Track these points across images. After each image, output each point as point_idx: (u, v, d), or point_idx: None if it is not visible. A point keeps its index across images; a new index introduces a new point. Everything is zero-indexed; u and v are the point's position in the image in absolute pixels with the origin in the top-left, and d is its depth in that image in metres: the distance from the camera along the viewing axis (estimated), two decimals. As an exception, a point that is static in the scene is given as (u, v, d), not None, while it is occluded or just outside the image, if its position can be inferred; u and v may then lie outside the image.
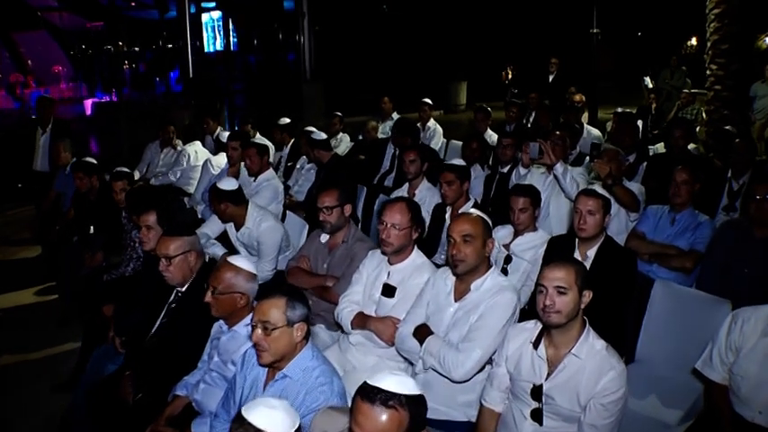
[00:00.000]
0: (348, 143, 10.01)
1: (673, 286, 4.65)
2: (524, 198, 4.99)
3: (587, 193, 4.51)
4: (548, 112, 9.99)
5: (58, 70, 26.68)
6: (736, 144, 6.45)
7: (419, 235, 4.32)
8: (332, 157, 7.60)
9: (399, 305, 4.17)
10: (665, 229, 5.42)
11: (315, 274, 5.05)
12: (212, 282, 3.84)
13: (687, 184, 5.34)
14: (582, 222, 4.43)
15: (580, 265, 3.28)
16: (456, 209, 5.66)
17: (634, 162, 7.40)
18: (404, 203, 4.25)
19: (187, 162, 9.06)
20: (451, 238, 3.70)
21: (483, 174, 7.22)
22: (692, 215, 5.38)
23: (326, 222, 4.92)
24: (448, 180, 5.56)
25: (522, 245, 5.09)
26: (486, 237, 3.71)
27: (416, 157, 6.29)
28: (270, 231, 5.66)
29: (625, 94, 20.39)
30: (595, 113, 12.47)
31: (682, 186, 5.34)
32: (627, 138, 7.47)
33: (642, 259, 5.35)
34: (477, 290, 3.74)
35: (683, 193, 5.34)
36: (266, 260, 5.64)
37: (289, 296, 3.24)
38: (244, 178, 7.09)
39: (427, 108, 10.07)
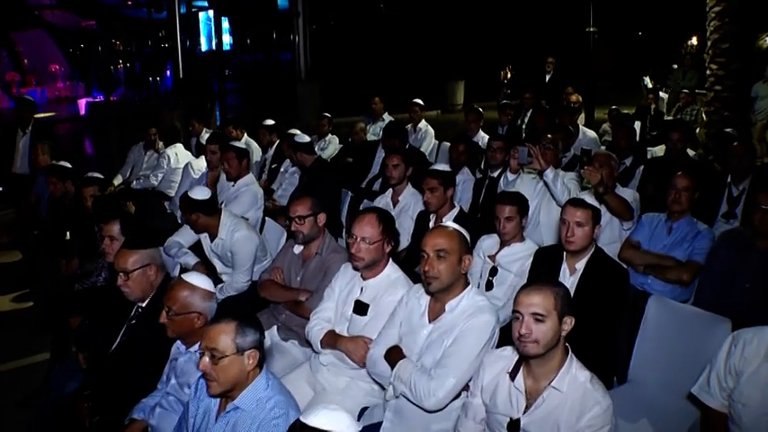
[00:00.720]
0: (337, 145, 9.71)
1: (668, 303, 4.32)
2: (511, 206, 4.68)
3: (575, 203, 4.21)
4: (543, 114, 9.68)
5: (55, 69, 26.59)
6: (735, 148, 6.13)
7: (393, 248, 4.01)
8: (315, 161, 7.29)
9: (372, 324, 3.89)
10: (662, 238, 5.12)
11: (288, 287, 4.77)
12: (167, 302, 3.58)
13: (688, 191, 5.05)
14: (569, 234, 4.12)
15: (560, 287, 2.95)
16: (440, 217, 5.36)
17: (630, 166, 7.10)
18: (374, 215, 3.94)
19: (167, 165, 8.81)
20: (424, 253, 3.39)
21: (472, 178, 6.91)
22: (689, 224, 5.08)
23: (299, 232, 4.63)
24: (430, 186, 5.25)
25: (509, 256, 4.78)
26: (462, 252, 3.40)
27: (400, 162, 5.98)
28: (243, 241, 5.37)
29: (625, 94, 20.11)
30: (592, 114, 12.12)
31: (682, 193, 5.04)
32: (623, 140, 7.17)
33: (637, 270, 5.07)
34: (451, 311, 3.44)
35: (684, 200, 5.04)
36: (241, 271, 5.39)
37: (239, 321, 2.96)
38: (222, 183, 6.83)
39: (418, 109, 9.74)
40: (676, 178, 5.10)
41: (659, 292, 4.89)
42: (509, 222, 4.68)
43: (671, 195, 5.08)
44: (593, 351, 3.91)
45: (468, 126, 9.03)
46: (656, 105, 12.22)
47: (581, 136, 8.81)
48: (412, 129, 9.76)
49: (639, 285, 5.04)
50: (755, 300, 4.47)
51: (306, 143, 7.27)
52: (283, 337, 4.67)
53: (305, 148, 7.26)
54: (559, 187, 5.32)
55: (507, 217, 4.67)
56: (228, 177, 6.63)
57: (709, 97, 10.11)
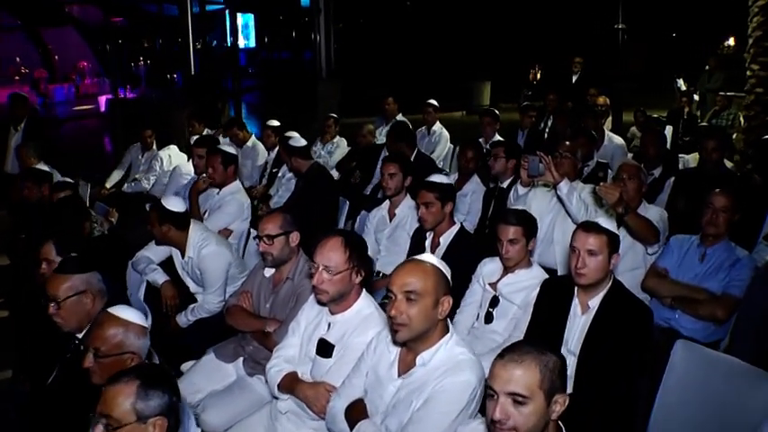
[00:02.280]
0: (345, 148, 9.04)
1: (700, 350, 3.57)
2: (515, 227, 3.99)
3: (587, 227, 3.50)
4: (566, 117, 8.91)
5: (83, 66, 26.62)
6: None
7: (364, 278, 3.36)
8: (311, 167, 6.62)
9: (337, 368, 3.29)
10: (693, 265, 4.41)
11: (256, 314, 4.19)
12: (94, 342, 2.99)
13: (727, 212, 4.33)
14: (580, 265, 3.43)
15: (549, 357, 2.23)
16: (438, 235, 4.70)
17: (660, 177, 6.36)
18: (339, 239, 3.30)
19: (160, 167, 8.31)
20: (391, 294, 2.73)
21: (482, 188, 6.23)
22: (726, 249, 4.36)
23: (267, 254, 4.03)
24: (425, 201, 4.57)
25: (512, 285, 4.09)
26: (439, 294, 2.74)
27: (397, 171, 5.31)
28: (212, 258, 4.81)
29: (657, 96, 19.32)
30: (620, 118, 11.33)
31: (720, 214, 4.33)
32: (651, 147, 6.42)
33: (663, 303, 4.38)
34: (424, 365, 2.78)
35: (721, 223, 4.33)
36: (211, 291, 4.83)
37: (143, 380, 2.32)
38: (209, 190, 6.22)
39: (432, 110, 9.03)
40: (714, 196, 4.39)
41: (688, 330, 4.25)
42: (513, 246, 3.99)
43: (706, 216, 4.37)
44: (608, 408, 3.27)
45: (483, 129, 8.30)
46: (689, 109, 11.51)
47: (606, 142, 8.05)
48: (426, 131, 9.09)
49: (665, 321, 4.34)
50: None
51: (301, 147, 6.63)
52: (249, 372, 4.09)
53: (300, 152, 6.61)
54: (575, 203, 4.64)
55: (511, 239, 3.98)
56: (213, 184, 6.03)
57: (749, 101, 9.26)
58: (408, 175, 5.36)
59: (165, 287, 4.90)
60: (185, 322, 4.86)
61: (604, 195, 4.13)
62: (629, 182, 4.64)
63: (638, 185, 4.68)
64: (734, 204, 4.32)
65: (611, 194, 4.10)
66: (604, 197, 4.17)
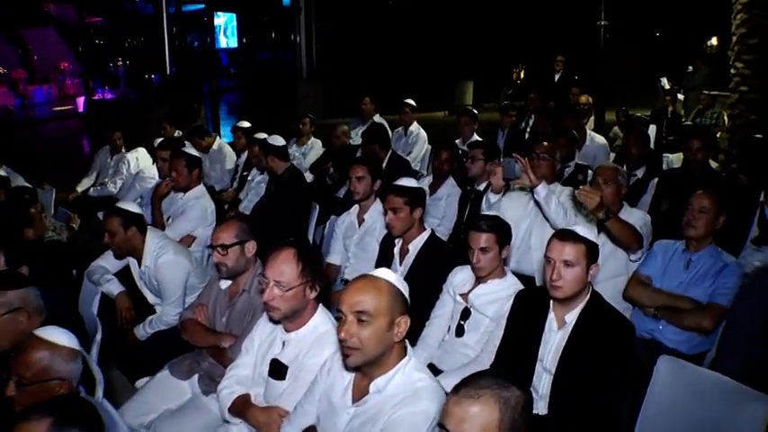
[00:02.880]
0: (320, 150, 8.75)
1: (684, 366, 3.31)
2: (488, 234, 3.71)
3: (563, 236, 3.22)
4: (547, 117, 8.67)
5: (64, 66, 26.23)
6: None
7: (320, 293, 3.08)
8: (287, 169, 6.31)
9: (291, 391, 3.03)
10: (678, 273, 4.15)
11: (211, 329, 3.90)
12: (17, 368, 2.70)
13: (707, 213, 4.08)
14: (555, 278, 3.14)
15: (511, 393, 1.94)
16: (407, 242, 4.41)
17: (643, 178, 6.11)
18: (291, 251, 3.02)
19: (127, 170, 7.96)
20: (341, 314, 2.45)
21: (458, 191, 5.95)
22: (713, 255, 4.11)
23: (221, 265, 3.75)
24: (393, 206, 4.29)
25: (484, 296, 3.82)
26: (395, 314, 2.46)
27: (365, 174, 5.03)
28: (170, 267, 4.54)
29: (642, 95, 19.15)
30: (603, 117, 11.09)
31: (700, 216, 4.09)
32: (633, 147, 6.16)
33: (646, 313, 4.11)
34: (379, 392, 2.50)
35: (701, 225, 4.08)
36: (169, 302, 4.56)
37: (56, 417, 2.05)
38: (172, 194, 5.93)
39: (409, 110, 8.75)
40: (694, 197, 4.16)
41: (672, 342, 4.01)
42: (484, 254, 3.71)
43: (686, 217, 4.15)
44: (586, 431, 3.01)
45: (461, 129, 8.02)
46: (673, 107, 11.27)
47: (588, 142, 7.78)
48: (403, 132, 8.81)
49: (648, 332, 4.08)
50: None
51: (279, 146, 6.32)
52: (204, 390, 3.79)
53: (278, 151, 6.29)
54: (553, 207, 4.38)
55: (482, 248, 3.69)
56: (176, 188, 5.73)
57: (734, 99, 9.04)
58: (378, 179, 5.08)
59: (120, 298, 4.63)
60: (143, 335, 4.59)
61: (584, 200, 3.87)
62: (607, 186, 4.36)
63: (617, 189, 4.41)
64: (716, 206, 4.07)
65: (590, 199, 3.83)
66: (584, 201, 3.90)
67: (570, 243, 3.13)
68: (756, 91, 8.81)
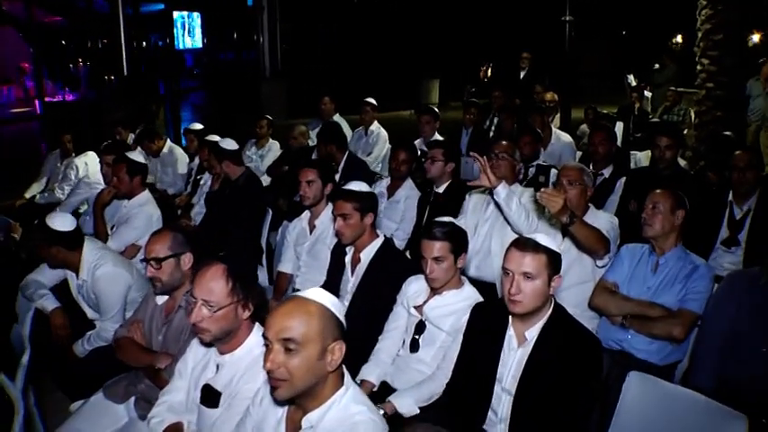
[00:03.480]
0: (277, 152, 8.41)
1: (655, 383, 3.05)
2: (441, 243, 3.42)
3: (522, 245, 2.92)
4: (512, 115, 8.42)
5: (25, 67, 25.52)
6: (737, 157, 4.86)
7: (254, 311, 2.79)
8: (243, 174, 5.95)
9: (225, 420, 2.74)
10: (646, 277, 3.90)
11: (147, 348, 3.59)
12: None
13: (662, 209, 3.84)
14: (514, 291, 2.86)
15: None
16: (358, 250, 4.11)
17: (610, 177, 5.88)
18: (219, 269, 2.74)
19: (75, 176, 7.56)
20: (267, 342, 2.16)
21: (416, 193, 5.68)
22: (681, 257, 3.85)
23: (156, 280, 3.44)
24: (342, 212, 3.97)
25: (440, 308, 3.53)
26: (327, 340, 2.17)
27: (315, 177, 4.71)
28: (108, 280, 4.20)
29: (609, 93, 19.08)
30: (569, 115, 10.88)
31: (654, 213, 3.85)
32: (600, 146, 5.92)
33: (614, 322, 3.86)
34: (312, 427, 2.21)
35: (657, 221, 3.83)
36: (107, 317, 4.21)
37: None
38: (115, 201, 5.59)
39: (370, 109, 8.46)
40: (650, 194, 3.95)
41: (642, 353, 3.76)
42: (438, 264, 3.42)
43: (642, 217, 3.91)
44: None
45: (422, 128, 7.71)
46: (639, 104, 11.15)
47: (554, 140, 7.54)
48: (363, 132, 8.52)
49: (616, 342, 3.82)
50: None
51: (233, 151, 5.96)
52: (140, 414, 3.47)
53: (232, 156, 5.93)
54: (515, 209, 4.11)
55: (436, 257, 3.41)
56: (118, 195, 5.40)
57: (700, 96, 8.89)
58: (329, 182, 4.77)
59: (54, 315, 4.30)
60: (82, 351, 4.26)
61: (546, 203, 3.57)
62: (571, 187, 4.10)
63: (582, 190, 4.15)
64: (670, 201, 3.83)
65: (553, 202, 3.55)
66: (546, 205, 3.60)
67: (530, 253, 2.85)
68: (722, 87, 8.68)
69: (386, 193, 5.80)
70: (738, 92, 8.96)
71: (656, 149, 5.29)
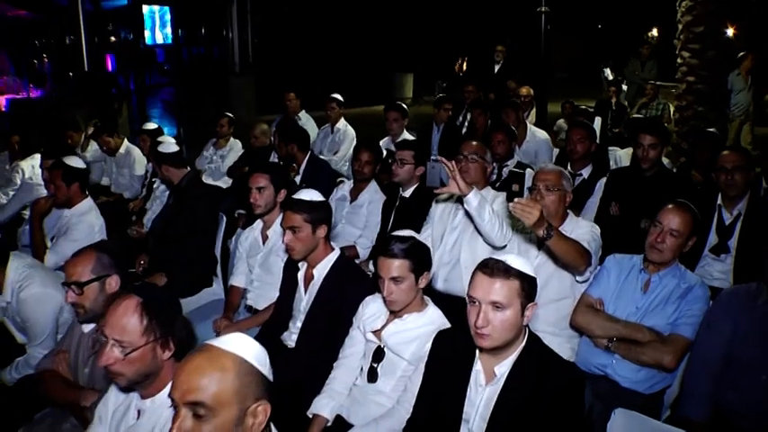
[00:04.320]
0: (239, 151, 7.95)
1: (643, 423, 2.64)
2: (400, 261, 2.99)
3: (491, 270, 2.47)
4: (485, 111, 8.00)
5: (-2, 63, 24.86)
6: (725, 157, 4.43)
7: (175, 350, 2.37)
8: (186, 177, 5.47)
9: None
10: (635, 296, 3.49)
11: (72, 382, 3.21)
12: None
13: (680, 236, 3.38)
14: (481, 324, 2.43)
15: None
16: (312, 265, 3.67)
17: (590, 177, 5.49)
18: (131, 303, 2.32)
19: (21, 179, 7.06)
20: (173, 403, 1.75)
21: (381, 197, 5.24)
22: (675, 275, 3.45)
23: (78, 306, 3.03)
24: (291, 225, 3.51)
25: (400, 334, 3.11)
26: (247, 402, 1.75)
27: (267, 184, 4.26)
28: (34, 302, 3.76)
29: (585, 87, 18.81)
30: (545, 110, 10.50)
31: (670, 239, 3.37)
32: (579, 144, 5.52)
33: (597, 344, 3.46)
34: None
35: (669, 248, 3.38)
36: (36, 343, 3.77)
37: None
38: (56, 210, 5.13)
39: (336, 105, 8.00)
40: (665, 214, 3.41)
41: (628, 381, 3.36)
42: (397, 285, 3.00)
43: (652, 236, 3.42)
44: None
45: (389, 126, 7.28)
46: (617, 99, 10.81)
47: (529, 137, 7.13)
48: (330, 129, 8.08)
49: (599, 368, 3.42)
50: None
51: (171, 154, 5.46)
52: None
53: (171, 159, 5.43)
54: (487, 218, 3.71)
55: (394, 277, 2.99)
56: (57, 204, 4.95)
57: (681, 90, 8.53)
58: (282, 188, 4.33)
59: None
60: (11, 380, 3.81)
61: (520, 215, 3.12)
62: (549, 193, 3.68)
63: (561, 197, 3.72)
64: (691, 226, 3.39)
65: (528, 214, 3.10)
66: (521, 217, 3.15)
67: (500, 279, 2.43)
68: (704, 81, 8.33)
69: (348, 196, 5.38)
70: (720, 86, 8.61)
71: (640, 148, 4.87)
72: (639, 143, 4.87)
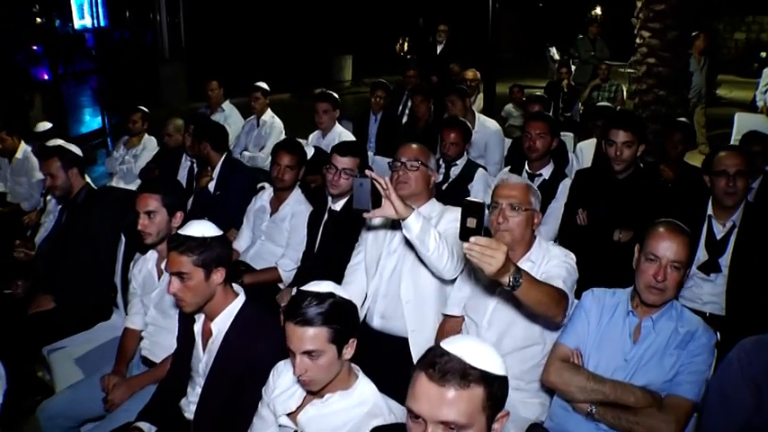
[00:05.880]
0: (154, 149, 6.91)
1: None
2: (316, 330, 2.18)
3: (440, 375, 1.64)
4: (427, 98, 7.15)
5: None
6: (724, 159, 3.64)
7: None
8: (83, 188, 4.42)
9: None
10: (623, 345, 2.72)
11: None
12: None
13: (681, 267, 2.63)
14: None
15: None
16: (210, 318, 2.78)
17: (551, 178, 4.72)
18: None
19: None
20: None
21: (307, 208, 4.37)
22: (671, 317, 2.69)
23: None
24: (178, 271, 2.59)
25: (322, 419, 2.27)
26: None
27: (158, 206, 3.24)
28: None
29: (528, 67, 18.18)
30: (493, 96, 9.69)
31: (672, 272, 2.62)
32: (538, 141, 4.68)
33: (577, 409, 2.69)
34: None
35: (672, 284, 2.63)
36: None
37: None
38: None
39: (261, 95, 7.04)
40: (660, 242, 2.63)
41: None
42: (313, 360, 2.16)
43: (648, 273, 2.63)
44: None
45: (318, 119, 6.29)
46: (568, 80, 10.14)
47: (478, 128, 6.23)
48: (255, 122, 7.15)
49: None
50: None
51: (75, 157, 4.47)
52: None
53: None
54: (432, 248, 2.89)
55: (309, 351, 2.16)
56: None
57: (641, 72, 7.82)
58: (178, 210, 3.42)
59: None
60: None
61: (478, 261, 2.24)
62: (514, 214, 2.85)
63: (528, 219, 2.89)
64: (690, 250, 2.66)
65: (489, 258, 2.22)
66: (479, 265, 2.25)
67: (454, 389, 1.62)
68: (666, 63, 7.63)
69: (269, 207, 4.51)
70: (683, 68, 7.95)
71: (612, 147, 4.07)
72: (611, 140, 4.10)
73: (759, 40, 21.48)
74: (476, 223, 2.20)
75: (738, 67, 19.15)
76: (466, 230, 2.21)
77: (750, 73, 17.83)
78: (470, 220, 2.20)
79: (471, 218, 2.20)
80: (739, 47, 21.60)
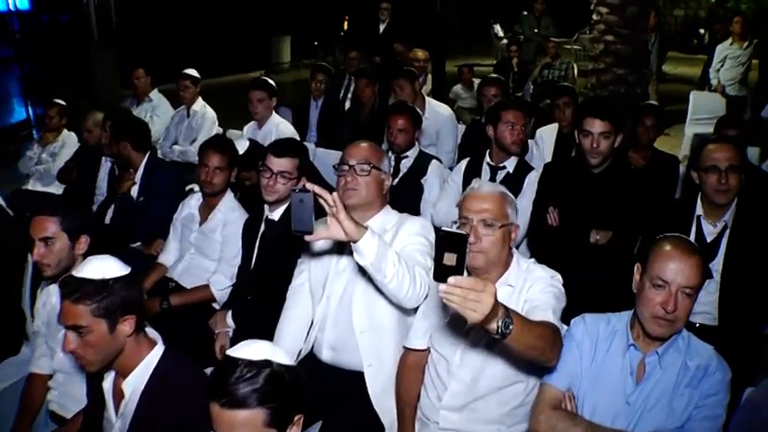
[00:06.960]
0: (74, 147, 6.25)
1: None
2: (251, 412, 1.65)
3: None
4: (372, 81, 6.62)
5: None
6: (714, 151, 3.19)
7: None
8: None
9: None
10: (625, 386, 2.28)
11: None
12: None
13: (695, 291, 2.19)
14: None
15: None
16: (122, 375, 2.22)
17: (515, 171, 4.24)
18: None
19: None
20: None
21: (240, 217, 3.79)
22: (679, 349, 2.25)
23: None
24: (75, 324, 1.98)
25: None
26: None
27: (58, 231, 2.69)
28: None
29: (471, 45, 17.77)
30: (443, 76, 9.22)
31: (683, 300, 2.17)
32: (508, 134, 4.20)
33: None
34: None
35: (686, 313, 2.20)
36: None
37: None
38: None
39: (190, 83, 6.40)
40: (668, 265, 2.17)
41: None
42: None
43: (655, 302, 2.17)
44: None
45: (253, 108, 5.67)
46: (518, 59, 9.75)
47: (428, 113, 5.70)
48: (185, 112, 6.52)
49: None
50: None
51: None
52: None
53: None
54: (390, 275, 2.39)
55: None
56: None
57: (598, 50, 7.44)
58: (82, 235, 2.82)
59: None
60: None
61: (460, 309, 1.73)
62: (489, 233, 2.36)
63: (505, 236, 2.41)
64: (702, 277, 2.19)
65: (474, 304, 1.71)
66: (461, 313, 1.74)
67: None
68: (625, 41, 7.25)
69: (197, 215, 3.95)
70: (642, 46, 7.59)
71: (588, 138, 3.61)
72: (586, 130, 3.64)
73: (697, 16, 21.59)
74: (455, 260, 1.69)
75: (679, 43, 19.19)
76: (442, 269, 1.70)
77: (691, 49, 17.85)
78: (448, 256, 1.69)
79: (450, 253, 1.69)
80: (678, 23, 21.67)
